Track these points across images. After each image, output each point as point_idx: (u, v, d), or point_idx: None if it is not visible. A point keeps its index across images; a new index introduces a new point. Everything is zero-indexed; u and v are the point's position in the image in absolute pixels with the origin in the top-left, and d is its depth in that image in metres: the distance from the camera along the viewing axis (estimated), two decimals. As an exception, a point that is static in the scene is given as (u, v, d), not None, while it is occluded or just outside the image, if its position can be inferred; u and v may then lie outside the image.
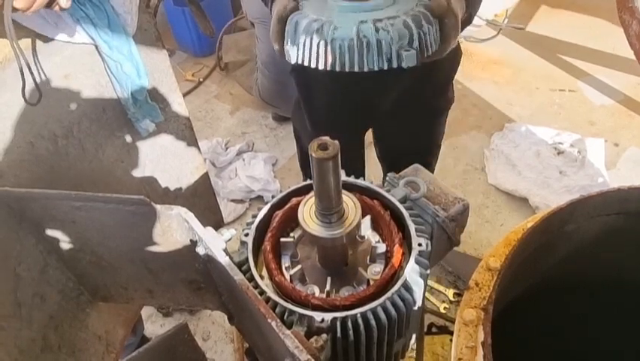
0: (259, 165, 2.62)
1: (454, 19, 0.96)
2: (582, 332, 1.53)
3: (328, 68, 0.93)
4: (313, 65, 0.94)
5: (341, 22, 0.90)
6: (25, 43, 0.99)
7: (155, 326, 1.99)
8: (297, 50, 0.95)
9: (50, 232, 0.98)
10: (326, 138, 0.72)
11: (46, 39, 1.02)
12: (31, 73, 0.96)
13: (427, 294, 1.67)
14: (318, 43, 0.91)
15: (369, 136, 1.84)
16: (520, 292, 1.45)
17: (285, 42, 1.00)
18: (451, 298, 1.97)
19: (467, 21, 1.14)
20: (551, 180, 2.38)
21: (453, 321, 1.83)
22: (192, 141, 1.45)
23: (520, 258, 1.31)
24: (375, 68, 0.89)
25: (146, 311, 2.00)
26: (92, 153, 1.19)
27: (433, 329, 1.78)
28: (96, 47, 1.08)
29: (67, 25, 1.02)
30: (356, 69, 0.90)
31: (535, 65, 3.23)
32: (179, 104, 1.35)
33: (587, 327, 1.53)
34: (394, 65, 0.88)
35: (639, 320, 1.53)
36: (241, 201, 2.55)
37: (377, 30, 0.87)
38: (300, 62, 0.96)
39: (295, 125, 1.83)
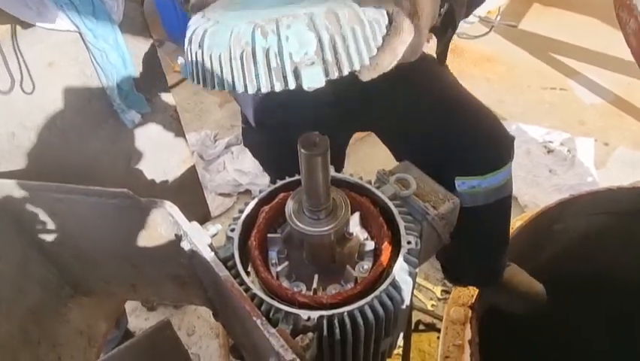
0: (248, 158, 2.60)
1: (408, 2, 0.65)
2: (570, 330, 1.54)
3: (209, 89, 0.66)
4: (200, 85, 0.67)
5: (225, 22, 0.63)
6: (6, 29, 0.96)
7: (140, 320, 1.97)
8: (185, 63, 0.69)
9: (31, 225, 0.95)
10: (315, 134, 0.71)
11: (29, 26, 0.99)
12: (5, 63, 0.93)
13: (414, 291, 1.67)
14: (196, 54, 0.65)
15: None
16: (508, 291, 1.44)
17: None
18: (439, 296, 1.97)
19: (450, 16, 0.77)
20: (541, 179, 2.38)
21: (440, 318, 1.83)
22: (180, 133, 1.42)
23: (508, 256, 1.31)
24: (263, 90, 0.61)
25: (130, 305, 1.98)
26: (76, 145, 1.16)
27: (420, 327, 1.78)
28: (80, 35, 1.05)
29: (50, 11, 0.99)
30: (239, 90, 0.62)
31: (527, 62, 3.23)
32: (166, 95, 1.32)
33: (574, 325, 1.54)
34: (291, 84, 0.60)
35: (627, 318, 1.53)
36: (229, 195, 2.52)
37: (264, 34, 0.58)
38: (191, 80, 0.69)
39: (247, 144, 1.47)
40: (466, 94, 1.16)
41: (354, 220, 0.86)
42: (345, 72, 0.61)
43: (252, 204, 0.88)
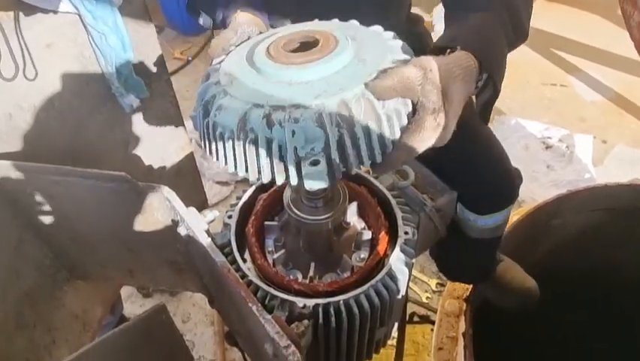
0: (247, 147, 2.59)
1: (435, 96, 0.57)
2: (567, 326, 1.55)
3: (214, 160, 0.63)
4: (207, 154, 0.64)
5: (235, 96, 0.59)
6: (6, 10, 0.95)
7: (135, 306, 1.97)
8: (195, 120, 0.66)
9: (27, 206, 0.95)
10: (315, 120, 0.70)
11: (28, 7, 0.98)
12: (8, 45, 0.92)
13: (409, 283, 1.67)
14: (204, 123, 0.62)
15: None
16: (503, 285, 1.44)
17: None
18: (434, 288, 1.98)
19: (490, 83, 0.69)
20: (539, 175, 2.39)
21: (435, 311, 1.83)
22: (178, 119, 1.42)
23: (504, 251, 1.31)
24: (264, 180, 0.58)
25: (126, 291, 1.98)
26: (73, 127, 1.15)
27: (415, 318, 1.79)
28: (80, 16, 1.04)
29: (51, -7, 0.98)
30: (240, 174, 0.60)
31: (528, 58, 3.22)
32: (165, 81, 1.31)
33: (571, 321, 1.55)
34: (292, 180, 0.56)
35: (626, 315, 1.54)
36: (226, 184, 2.52)
37: (270, 124, 0.54)
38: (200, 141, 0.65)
39: None
40: (487, 128, 1.11)
41: (352, 210, 0.86)
42: (353, 171, 0.57)
43: (250, 191, 0.88)
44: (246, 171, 0.59)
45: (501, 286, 1.32)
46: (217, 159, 0.61)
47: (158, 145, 1.40)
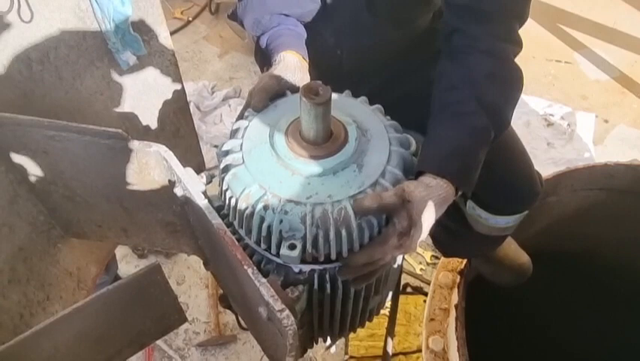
0: (245, 112, 2.56)
1: (406, 222, 0.67)
2: (555, 302, 1.56)
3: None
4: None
5: (250, 168, 0.73)
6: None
7: (130, 266, 1.98)
8: (218, 155, 0.80)
9: (21, 161, 0.93)
10: (317, 83, 0.69)
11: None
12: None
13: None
14: (220, 176, 0.77)
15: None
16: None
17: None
18: (428, 261, 1.99)
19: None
20: (538, 152, 2.38)
21: (428, 283, 1.85)
22: (177, 79, 1.38)
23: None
24: (252, 240, 0.74)
25: (121, 251, 1.98)
26: (69, 82, 1.13)
27: (408, 289, 1.80)
28: (77, -34, 1.01)
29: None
30: (236, 225, 0.76)
31: (534, 33, 3.16)
32: (164, 38, 1.28)
33: (559, 298, 1.56)
34: (273, 251, 0.71)
35: (617, 294, 1.55)
36: (224, 148, 2.50)
37: (266, 208, 0.69)
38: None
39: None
40: (513, 134, 1.10)
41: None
42: (322, 259, 0.70)
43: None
44: (240, 227, 0.74)
45: (495, 261, 1.33)
46: (223, 202, 0.77)
47: (156, 105, 1.37)
